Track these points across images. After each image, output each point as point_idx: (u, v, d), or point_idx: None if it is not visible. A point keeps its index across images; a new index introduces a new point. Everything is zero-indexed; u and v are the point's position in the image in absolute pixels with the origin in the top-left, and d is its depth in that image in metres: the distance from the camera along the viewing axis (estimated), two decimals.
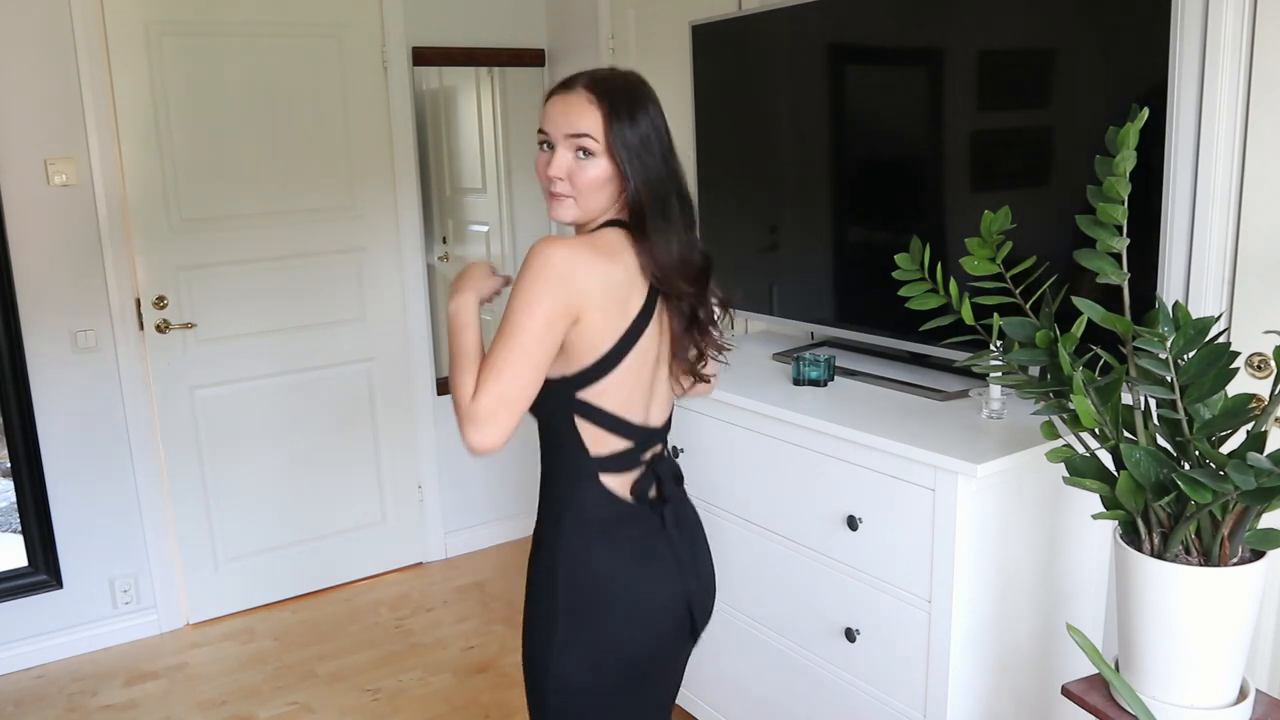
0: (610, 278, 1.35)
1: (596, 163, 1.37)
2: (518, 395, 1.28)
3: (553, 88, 1.42)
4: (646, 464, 1.48)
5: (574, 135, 1.36)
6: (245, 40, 3.10)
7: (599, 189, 1.38)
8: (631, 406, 1.43)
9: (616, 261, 1.37)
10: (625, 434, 1.43)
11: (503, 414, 1.26)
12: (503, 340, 1.28)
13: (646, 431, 1.47)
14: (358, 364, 3.46)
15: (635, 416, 1.44)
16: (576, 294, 1.31)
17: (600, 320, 1.34)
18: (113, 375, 3.02)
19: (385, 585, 3.53)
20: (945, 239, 2.07)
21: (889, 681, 1.87)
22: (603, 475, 1.44)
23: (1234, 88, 1.71)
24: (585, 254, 1.33)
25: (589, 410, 1.40)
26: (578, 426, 1.41)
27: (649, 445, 1.48)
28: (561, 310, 1.30)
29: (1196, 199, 1.77)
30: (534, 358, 1.28)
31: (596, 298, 1.33)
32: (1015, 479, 1.75)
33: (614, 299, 1.36)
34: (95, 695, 2.87)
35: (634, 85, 1.41)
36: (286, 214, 3.24)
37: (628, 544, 1.45)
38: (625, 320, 1.38)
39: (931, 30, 2.08)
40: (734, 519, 2.19)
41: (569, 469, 1.45)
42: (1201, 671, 1.38)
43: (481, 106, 3.72)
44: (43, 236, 2.87)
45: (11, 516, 3.04)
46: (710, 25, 2.61)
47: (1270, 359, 1.70)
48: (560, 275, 1.29)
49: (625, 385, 1.40)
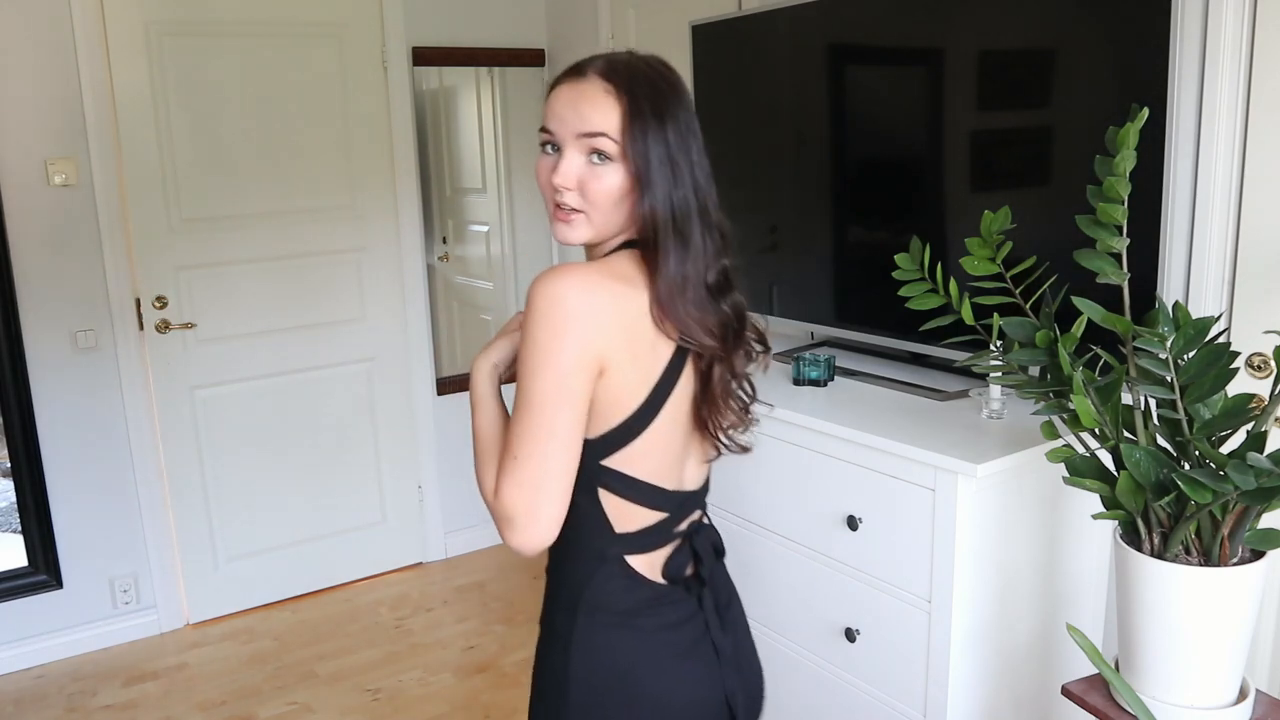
0: (635, 314, 1.09)
1: (615, 169, 1.09)
2: (550, 478, 1.04)
3: (558, 75, 1.15)
4: (682, 536, 1.23)
5: (587, 134, 1.09)
6: (245, 40, 3.10)
7: (617, 203, 1.11)
8: (666, 471, 1.18)
9: (639, 292, 1.10)
10: (659, 504, 1.18)
11: (536, 506, 1.04)
12: (518, 415, 1.05)
13: (681, 498, 1.21)
14: (358, 364, 3.46)
15: (669, 481, 1.19)
16: (599, 338, 1.05)
17: (629, 368, 1.09)
18: (113, 375, 3.02)
19: (385, 585, 3.53)
20: (945, 239, 2.07)
21: (889, 681, 1.86)
22: (629, 556, 1.18)
23: (1234, 88, 1.71)
24: (603, 284, 1.07)
25: (617, 480, 1.14)
26: (601, 501, 1.15)
27: (685, 514, 1.23)
28: (585, 361, 1.05)
29: (1196, 199, 1.77)
30: (561, 427, 1.04)
31: (623, 339, 1.08)
32: (1015, 479, 1.75)
33: (642, 340, 1.10)
34: (95, 695, 2.86)
35: (660, 74, 1.13)
36: (286, 214, 3.24)
37: (656, 634, 1.20)
38: (658, 365, 1.12)
39: (931, 30, 2.08)
40: (734, 519, 2.19)
41: (587, 549, 1.18)
42: (1201, 671, 1.38)
43: (481, 106, 3.72)
44: (43, 236, 2.87)
45: (11, 516, 3.04)
46: (710, 25, 2.61)
47: (1270, 359, 1.70)
48: (576, 316, 1.03)
49: (659, 446, 1.15)
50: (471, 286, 3.88)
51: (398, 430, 3.56)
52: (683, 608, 1.22)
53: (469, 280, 3.88)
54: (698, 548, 1.23)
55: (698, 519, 1.27)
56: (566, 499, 1.06)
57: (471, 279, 3.87)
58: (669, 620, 1.20)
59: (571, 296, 1.04)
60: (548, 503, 1.05)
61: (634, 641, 1.19)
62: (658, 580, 1.20)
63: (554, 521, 1.06)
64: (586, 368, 1.05)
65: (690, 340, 1.12)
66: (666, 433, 1.15)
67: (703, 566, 1.23)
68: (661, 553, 1.21)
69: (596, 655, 1.18)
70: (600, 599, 1.18)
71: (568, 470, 1.06)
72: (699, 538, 1.24)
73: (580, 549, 1.18)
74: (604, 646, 1.18)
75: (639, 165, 1.08)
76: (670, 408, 1.14)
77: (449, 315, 3.85)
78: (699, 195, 1.12)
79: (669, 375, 1.13)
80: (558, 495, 1.05)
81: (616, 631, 1.18)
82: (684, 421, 1.18)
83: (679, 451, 1.19)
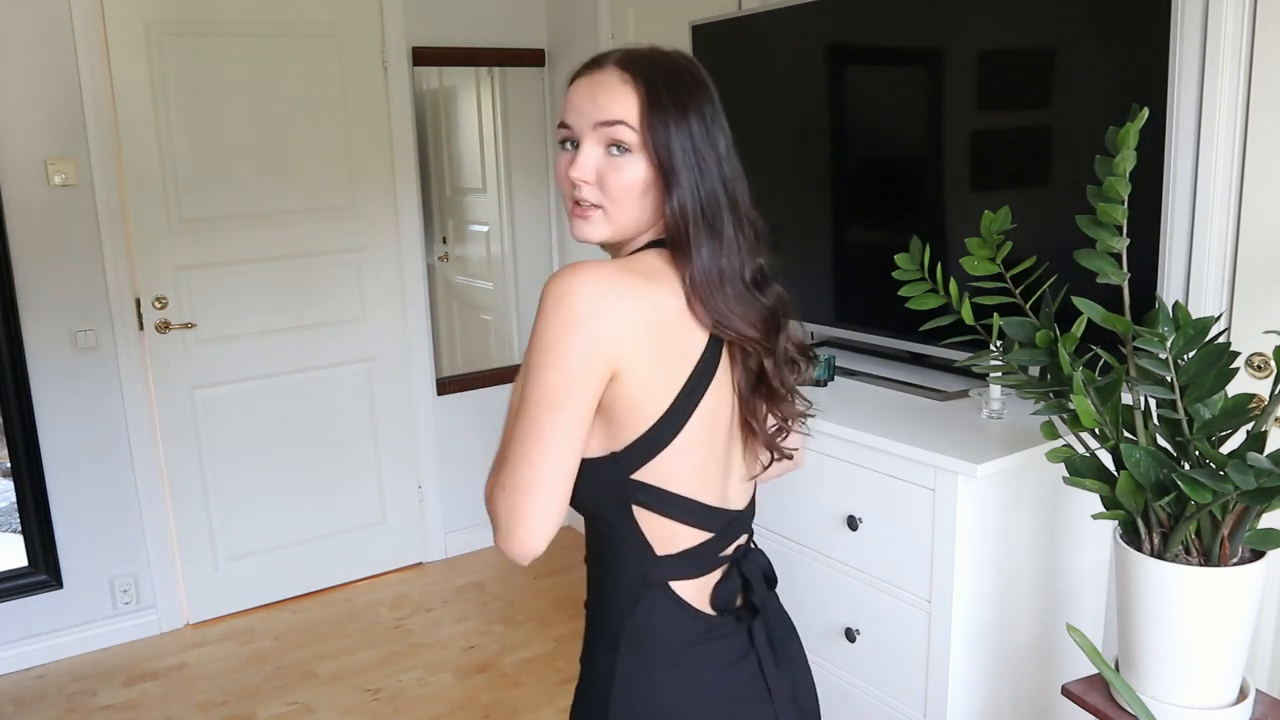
0: (658, 310, 1.02)
1: (634, 161, 1.04)
2: (540, 485, 0.97)
3: (576, 70, 1.10)
4: (730, 561, 1.14)
5: (605, 124, 1.04)
6: (245, 40, 3.10)
7: (637, 197, 1.05)
8: (707, 485, 1.09)
9: (664, 288, 1.03)
10: (702, 522, 1.10)
11: (522, 512, 0.97)
12: (517, 417, 0.99)
13: (727, 516, 1.13)
14: (358, 364, 3.46)
15: (711, 498, 1.11)
16: (612, 337, 0.98)
17: (648, 371, 1.01)
18: (113, 375, 3.02)
19: (385, 585, 3.53)
20: (945, 239, 2.07)
21: (889, 681, 1.86)
22: (674, 583, 1.10)
23: (1234, 88, 1.71)
24: (619, 280, 1.00)
25: (651, 495, 1.06)
26: (638, 520, 1.07)
27: (732, 536, 1.14)
28: (592, 362, 0.98)
29: (1196, 199, 1.77)
30: (558, 432, 0.97)
31: (641, 339, 1.00)
32: (1015, 479, 1.75)
33: (666, 339, 1.02)
34: (95, 695, 2.86)
35: (682, 66, 1.08)
36: (286, 214, 3.24)
37: (705, 672, 1.11)
38: (685, 367, 1.04)
39: (931, 30, 2.08)
40: None
41: (627, 575, 1.10)
42: (1201, 671, 1.38)
43: (481, 106, 3.72)
44: (43, 236, 2.87)
45: (11, 516, 3.04)
46: (710, 25, 2.62)
47: (1270, 359, 1.70)
48: (585, 314, 0.97)
49: (695, 456, 1.07)
50: (471, 286, 3.89)
51: (398, 430, 3.56)
52: (735, 643, 1.13)
53: (469, 280, 3.88)
54: (747, 573, 1.14)
55: (745, 543, 1.18)
56: (558, 509, 0.99)
57: (471, 279, 3.87)
58: (720, 658, 1.12)
59: (581, 294, 0.97)
60: (535, 511, 0.97)
61: (681, 682, 1.10)
62: (705, 611, 1.11)
63: (541, 532, 0.98)
64: (593, 370, 0.98)
65: (731, 331, 1.05)
66: (702, 442, 1.07)
67: (754, 594, 1.14)
68: (709, 579, 1.12)
69: (640, 698, 1.09)
70: (644, 632, 1.09)
71: (560, 478, 0.99)
72: (748, 562, 1.15)
73: (620, 576, 1.10)
74: (647, 688, 1.09)
75: (661, 156, 1.03)
76: (704, 414, 1.06)
77: (449, 315, 3.85)
78: (729, 189, 1.07)
79: (699, 379, 1.05)
80: (547, 504, 0.98)
81: (662, 670, 1.09)
82: (723, 432, 1.10)
83: (719, 465, 1.11)
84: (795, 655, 1.22)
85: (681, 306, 1.04)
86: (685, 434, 1.04)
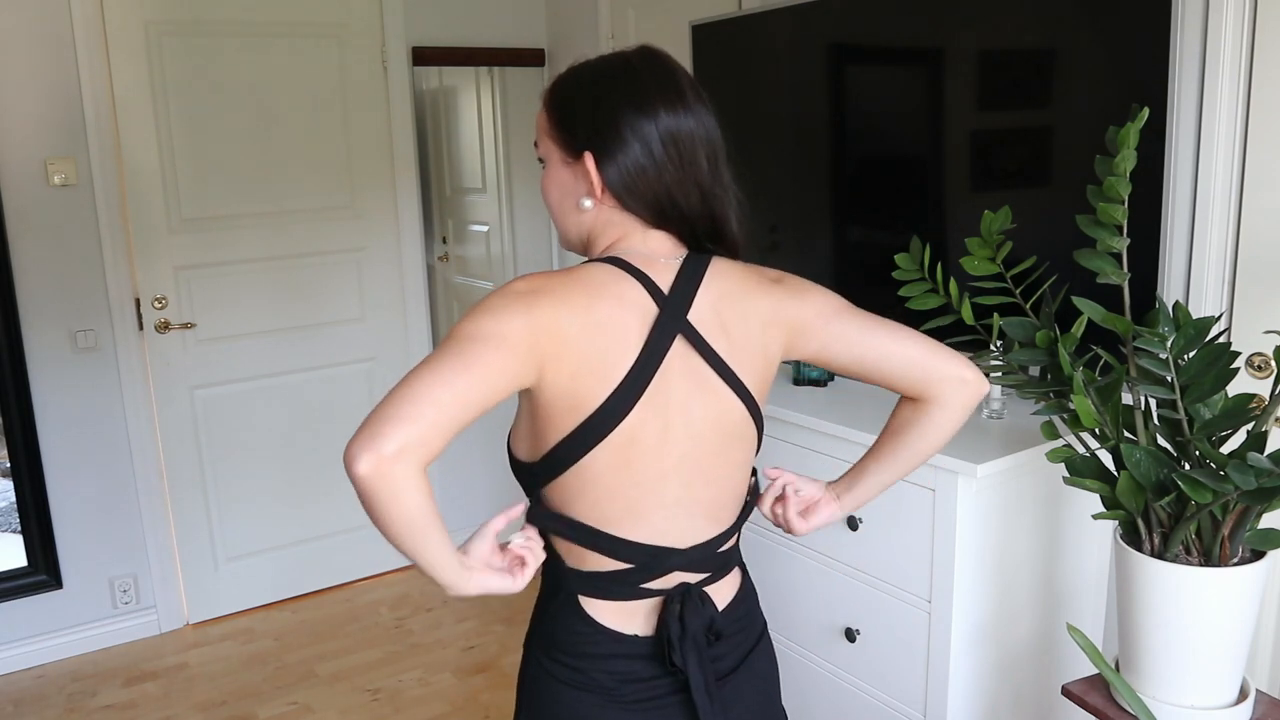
0: (591, 320, 0.98)
1: (546, 170, 1.09)
2: (414, 399, 0.87)
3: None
4: (666, 595, 1.07)
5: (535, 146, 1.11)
6: (245, 40, 3.10)
7: (555, 203, 1.08)
8: (627, 515, 1.03)
9: (602, 299, 1.00)
10: (613, 552, 1.05)
11: (383, 416, 0.86)
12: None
13: (649, 552, 1.06)
14: (358, 364, 3.45)
15: (631, 529, 1.04)
16: (541, 329, 0.95)
17: (569, 379, 0.97)
18: (113, 375, 3.02)
19: (385, 585, 3.53)
20: (945, 239, 2.07)
21: (889, 681, 1.86)
22: (584, 597, 1.07)
23: (1234, 88, 1.71)
24: (554, 284, 0.99)
25: (549, 517, 1.05)
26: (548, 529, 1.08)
27: (660, 571, 1.07)
28: (517, 339, 0.93)
29: (1196, 199, 1.76)
30: (453, 364, 0.90)
31: (570, 344, 0.96)
32: (1015, 479, 1.75)
33: (595, 351, 0.98)
34: (95, 695, 2.86)
35: (590, 65, 1.07)
36: (286, 214, 3.24)
37: (619, 687, 1.07)
38: (602, 388, 0.98)
39: (931, 30, 2.08)
40: None
41: (550, 576, 1.11)
42: (1201, 671, 1.38)
43: (481, 106, 3.72)
44: (43, 236, 2.87)
45: (11, 516, 3.04)
46: (710, 25, 2.61)
47: (1270, 359, 1.70)
48: (520, 299, 0.95)
49: (608, 483, 1.01)
50: (471, 286, 3.89)
51: None
52: (654, 680, 1.07)
53: (469, 280, 3.88)
54: (686, 619, 1.05)
55: (698, 583, 1.09)
56: (423, 435, 0.86)
57: (471, 279, 3.87)
58: (637, 691, 1.07)
59: (517, 284, 0.98)
60: (396, 419, 0.86)
61: (583, 700, 1.06)
62: (625, 632, 1.07)
63: (388, 440, 0.85)
64: (517, 345, 0.93)
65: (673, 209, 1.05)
66: (622, 466, 1.01)
67: (680, 650, 1.04)
68: (634, 605, 1.07)
69: (543, 699, 1.08)
70: (549, 636, 1.09)
71: (437, 417, 0.87)
72: (687, 611, 1.05)
73: (546, 575, 1.11)
74: (551, 692, 1.07)
75: (564, 152, 1.05)
76: (624, 442, 1.00)
77: (449, 315, 3.85)
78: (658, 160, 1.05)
79: (622, 394, 0.98)
80: (412, 419, 0.86)
81: (567, 680, 1.07)
82: (659, 463, 1.03)
83: (650, 497, 1.04)
84: (743, 689, 1.14)
85: (618, 320, 1.00)
86: (597, 455, 1.00)
